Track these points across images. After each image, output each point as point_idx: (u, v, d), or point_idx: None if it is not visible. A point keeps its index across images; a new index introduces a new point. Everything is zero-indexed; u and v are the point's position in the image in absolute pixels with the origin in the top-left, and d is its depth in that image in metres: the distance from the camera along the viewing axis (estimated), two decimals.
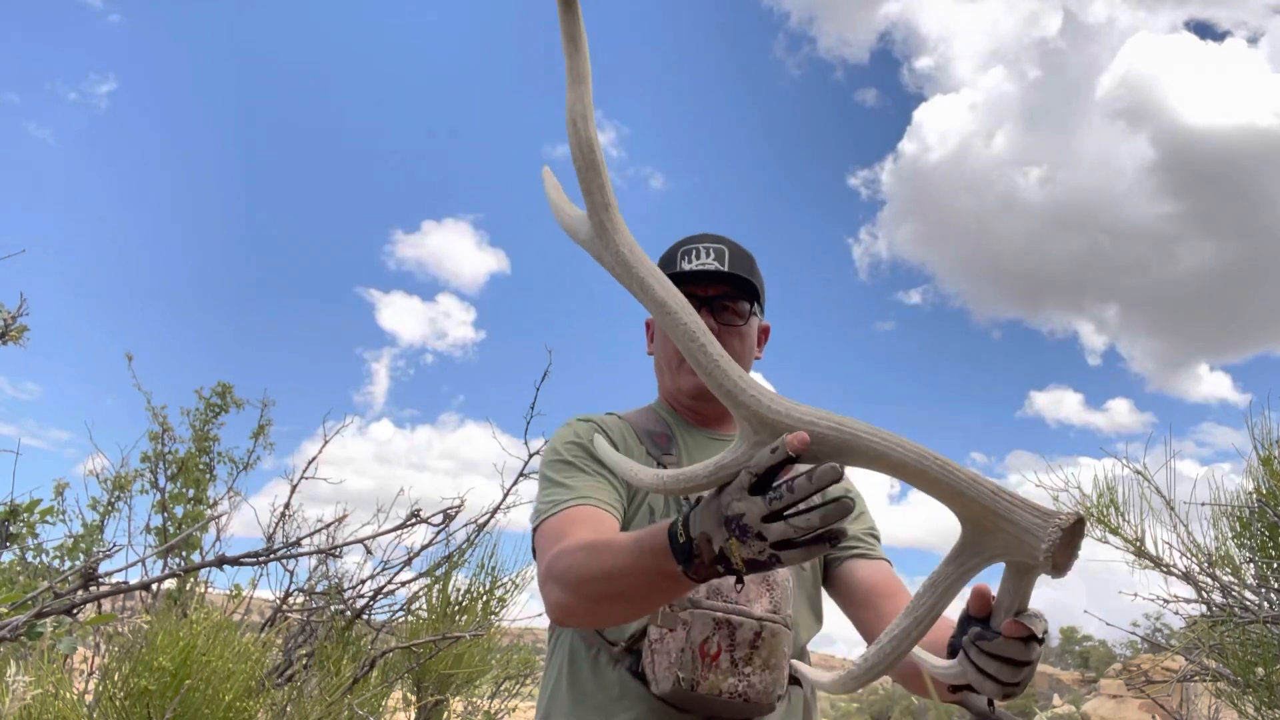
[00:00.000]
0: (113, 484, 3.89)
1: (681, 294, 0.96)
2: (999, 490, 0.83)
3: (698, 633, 1.27)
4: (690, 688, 1.26)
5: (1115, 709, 21.91)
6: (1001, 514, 0.82)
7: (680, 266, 1.55)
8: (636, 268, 0.96)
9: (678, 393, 1.59)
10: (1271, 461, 3.28)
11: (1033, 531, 0.81)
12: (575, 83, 0.97)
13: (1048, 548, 0.80)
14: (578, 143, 0.96)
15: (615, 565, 1.12)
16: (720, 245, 1.56)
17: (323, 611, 3.36)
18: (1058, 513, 0.81)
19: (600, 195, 0.96)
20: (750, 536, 0.90)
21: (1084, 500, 3.55)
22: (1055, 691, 36.44)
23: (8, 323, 2.59)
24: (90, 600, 2.32)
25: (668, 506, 1.47)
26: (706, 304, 1.53)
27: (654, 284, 0.95)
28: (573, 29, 0.96)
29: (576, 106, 0.96)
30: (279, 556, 2.86)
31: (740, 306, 1.56)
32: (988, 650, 0.95)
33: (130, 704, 2.32)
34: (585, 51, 0.97)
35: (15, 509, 3.00)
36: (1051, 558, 0.80)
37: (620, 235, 0.97)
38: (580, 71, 0.97)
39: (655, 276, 0.95)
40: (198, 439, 4.11)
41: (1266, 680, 3.03)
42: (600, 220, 0.96)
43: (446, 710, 3.80)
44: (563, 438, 1.52)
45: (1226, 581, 3.25)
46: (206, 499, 4.06)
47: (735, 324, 1.55)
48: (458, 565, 3.71)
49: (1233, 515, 3.32)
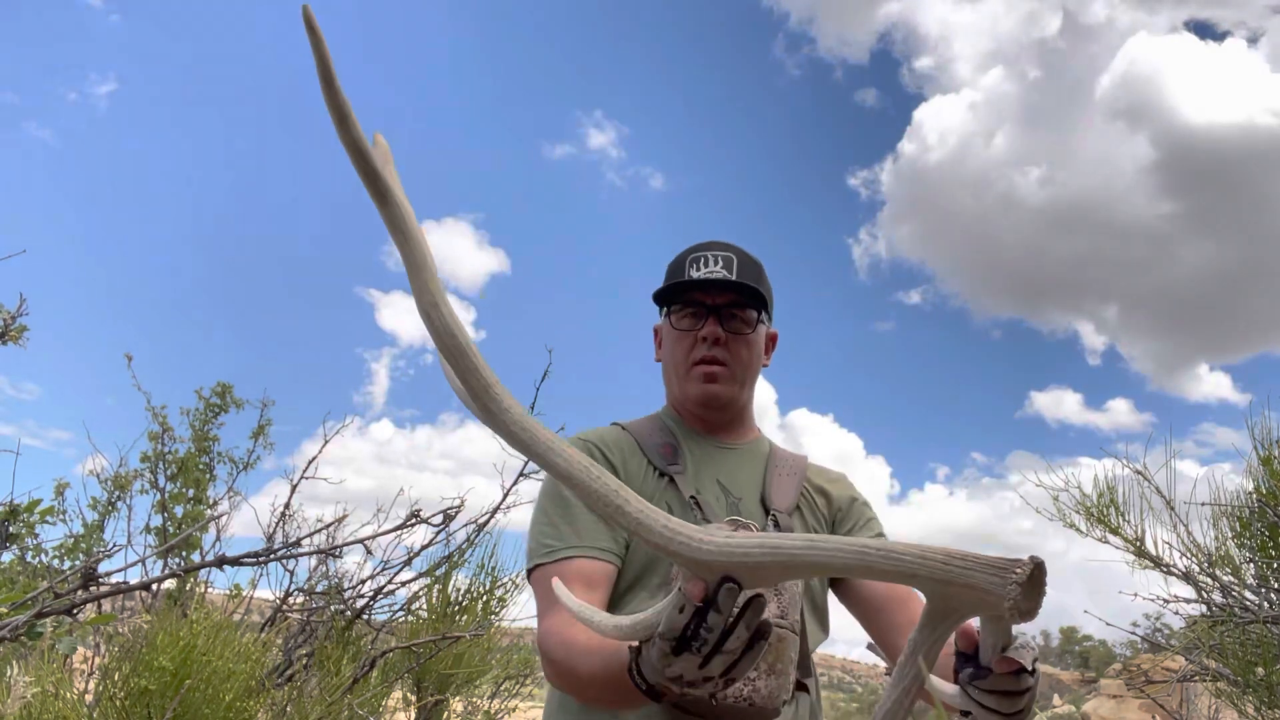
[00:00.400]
0: (112, 484, 3.90)
1: (585, 460, 0.92)
2: (950, 558, 0.83)
3: None
4: (711, 695, 1.23)
5: (1115, 709, 21.91)
6: (958, 581, 0.82)
7: (688, 274, 1.56)
8: (533, 444, 0.92)
9: (685, 401, 1.60)
10: (1271, 461, 3.28)
11: (993, 591, 0.81)
12: (415, 270, 0.92)
13: (1010, 605, 0.80)
14: (437, 332, 0.91)
15: (591, 676, 1.19)
16: (728, 253, 1.57)
17: (323, 611, 3.36)
18: (1013, 564, 0.81)
19: (476, 379, 0.92)
20: (699, 685, 0.95)
21: (1084, 500, 3.56)
22: (1055, 691, 36.46)
23: (7, 323, 2.59)
24: (90, 600, 2.32)
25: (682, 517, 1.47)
26: (714, 312, 1.54)
27: (556, 457, 0.91)
28: (395, 220, 0.92)
29: (425, 297, 0.91)
30: (279, 556, 2.86)
31: (748, 315, 1.57)
32: (983, 688, 0.99)
33: (130, 704, 2.32)
34: (415, 235, 0.93)
35: (15, 509, 3.00)
36: (1016, 610, 0.81)
37: (509, 414, 0.93)
38: (416, 258, 0.92)
39: (554, 447, 0.92)
40: (197, 439, 4.11)
41: (1266, 680, 3.03)
42: (485, 405, 0.92)
43: (446, 710, 3.80)
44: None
45: (1226, 581, 3.25)
46: (206, 499, 4.07)
47: (743, 332, 1.56)
48: (458, 565, 3.71)
49: (1233, 515, 3.32)
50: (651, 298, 1.63)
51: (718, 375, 1.55)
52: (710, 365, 1.54)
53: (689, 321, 1.57)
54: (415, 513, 3.12)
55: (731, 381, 1.57)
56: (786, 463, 1.60)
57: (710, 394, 1.55)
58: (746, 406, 1.64)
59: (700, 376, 1.55)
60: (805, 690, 1.43)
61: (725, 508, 1.49)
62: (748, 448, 1.62)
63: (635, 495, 0.90)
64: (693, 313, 1.56)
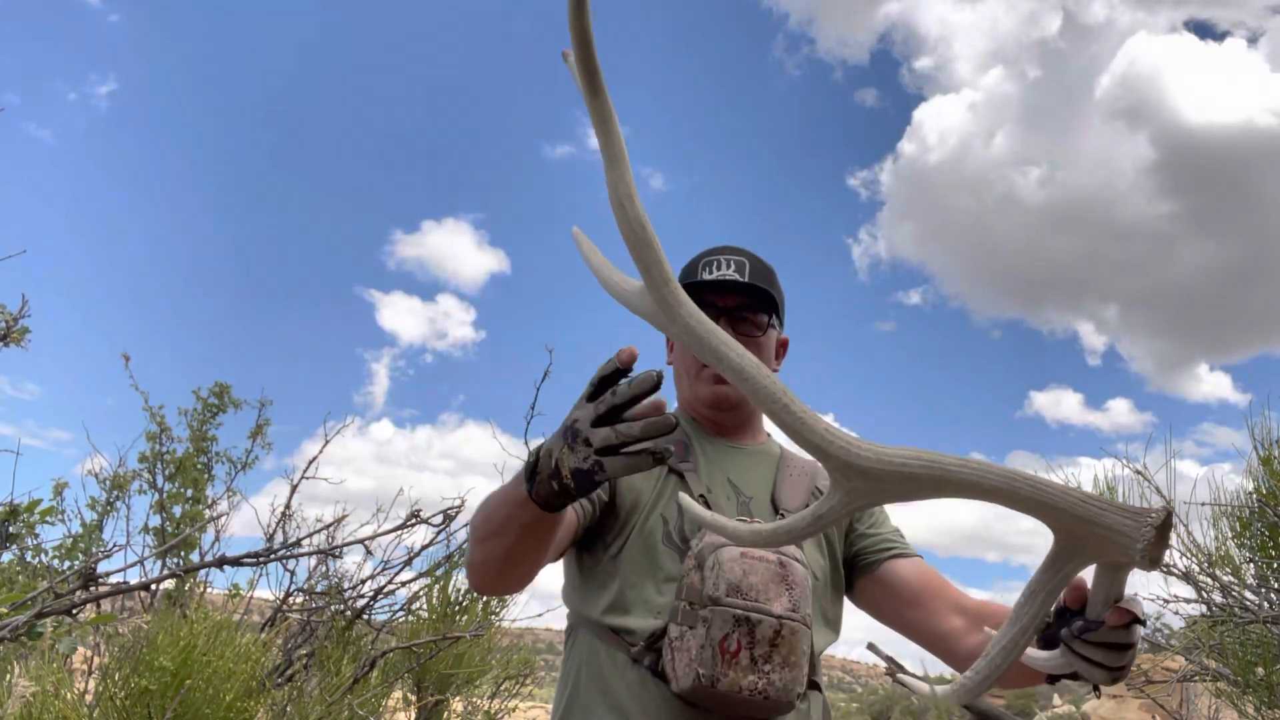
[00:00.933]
0: (111, 484, 3.89)
1: (755, 360, 0.95)
2: (1088, 498, 0.84)
3: (718, 629, 1.27)
4: (711, 684, 1.26)
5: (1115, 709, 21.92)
6: (1094, 520, 0.83)
7: (700, 277, 1.57)
8: (708, 338, 0.95)
9: (696, 402, 1.61)
10: (1271, 461, 3.28)
11: (1126, 533, 0.82)
12: (613, 162, 0.95)
13: (1143, 547, 0.81)
14: (627, 221, 0.95)
15: (490, 504, 1.23)
16: (741, 257, 1.59)
17: (323, 611, 3.36)
18: (1148, 511, 0.82)
19: (658, 271, 0.95)
20: (578, 442, 0.98)
21: None
22: (1055, 691, 36.48)
23: (10, 324, 2.59)
24: (90, 600, 2.32)
25: (681, 517, 1.47)
26: (725, 314, 1.55)
27: (728, 351, 0.94)
28: (601, 111, 0.95)
29: (620, 187, 0.95)
30: (279, 557, 2.86)
31: (758, 318, 1.58)
32: (1094, 640, 0.99)
33: (130, 704, 2.32)
34: (616, 130, 0.96)
35: (15, 509, 3.00)
36: (1147, 555, 0.81)
37: (686, 308, 0.96)
38: (615, 151, 0.96)
39: (729, 345, 0.95)
40: (195, 439, 4.11)
41: (1266, 680, 3.03)
42: (662, 296, 0.96)
43: (446, 710, 3.80)
44: None
45: (1226, 581, 3.25)
46: (205, 499, 4.07)
47: (753, 335, 1.57)
48: (458, 565, 3.71)
49: (1233, 515, 3.32)
50: None
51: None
52: None
53: None
54: (415, 513, 3.12)
55: None
56: (797, 465, 1.61)
57: (720, 394, 1.56)
58: (756, 409, 1.64)
59: (710, 378, 1.56)
60: (818, 689, 1.44)
61: (736, 506, 1.50)
62: (758, 449, 1.62)
63: (798, 400, 0.94)
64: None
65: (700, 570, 1.33)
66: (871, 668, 60.48)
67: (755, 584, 1.29)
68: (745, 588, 1.29)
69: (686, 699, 1.31)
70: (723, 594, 1.29)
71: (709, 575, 1.31)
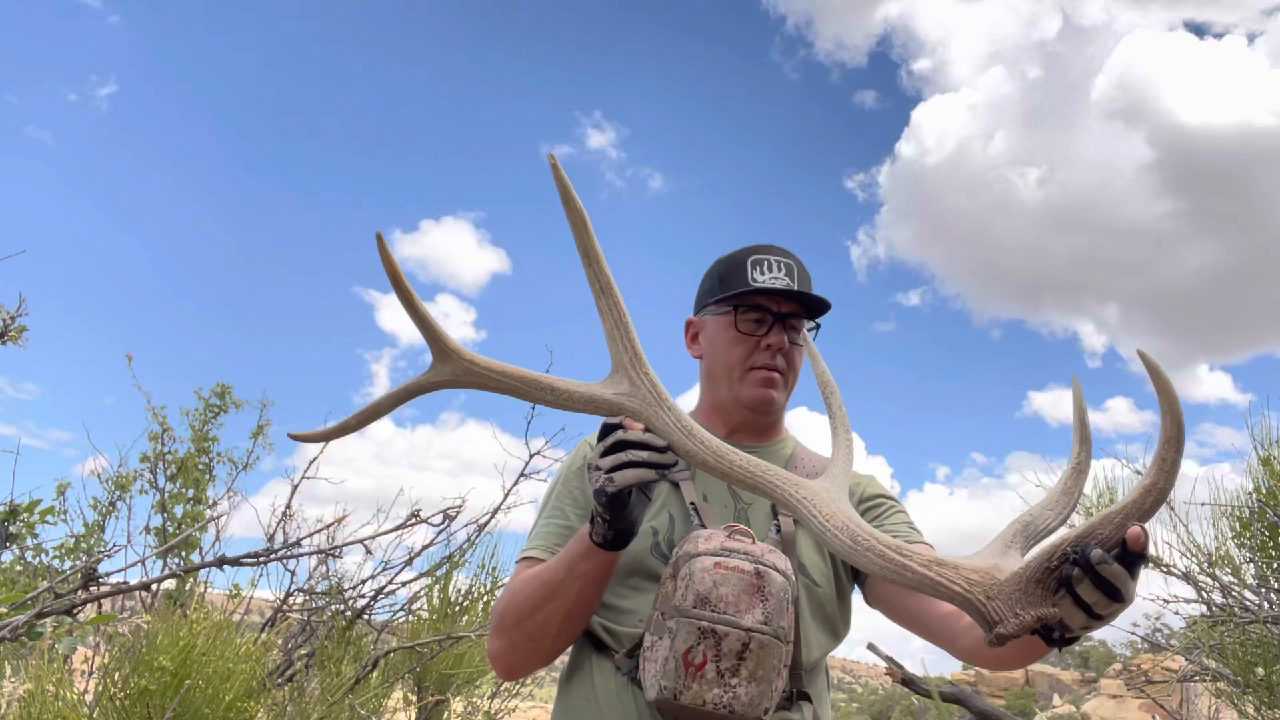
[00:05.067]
0: (113, 484, 3.89)
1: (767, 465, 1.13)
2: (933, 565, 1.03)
3: (681, 641, 1.25)
4: (673, 696, 1.24)
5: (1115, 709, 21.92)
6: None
7: (752, 276, 1.57)
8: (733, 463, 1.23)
9: (735, 402, 1.60)
10: (1271, 461, 3.28)
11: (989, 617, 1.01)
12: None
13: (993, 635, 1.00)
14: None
15: (526, 584, 1.40)
16: (789, 261, 1.59)
17: (323, 611, 3.36)
18: (1013, 615, 0.97)
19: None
20: (593, 470, 1.23)
21: (1084, 500, 3.55)
22: (1055, 691, 36.43)
23: (7, 323, 2.59)
24: (90, 600, 2.32)
25: (672, 527, 1.48)
26: (779, 320, 1.56)
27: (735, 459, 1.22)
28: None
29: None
30: (279, 556, 2.87)
31: (804, 326, 1.59)
32: (1105, 574, 0.97)
33: (130, 704, 2.32)
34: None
35: (15, 509, 3.00)
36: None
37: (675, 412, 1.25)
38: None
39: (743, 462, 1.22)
40: (197, 439, 4.11)
41: (1266, 680, 3.03)
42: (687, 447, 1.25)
43: (447, 710, 3.80)
44: (566, 462, 1.64)
45: (1226, 581, 3.25)
46: (206, 499, 4.06)
47: (798, 344, 1.58)
48: (458, 565, 3.71)
49: (1233, 515, 3.32)
50: (702, 293, 1.65)
51: (775, 382, 1.56)
52: (770, 372, 1.56)
53: (753, 326, 1.58)
54: (415, 513, 3.12)
55: (784, 389, 1.60)
56: (807, 464, 1.60)
57: (766, 399, 1.56)
58: (783, 411, 1.66)
59: (759, 380, 1.57)
60: (808, 699, 1.43)
61: (733, 514, 1.49)
62: (769, 449, 1.62)
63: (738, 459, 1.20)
64: (758, 318, 1.58)
65: (674, 579, 1.32)
66: (871, 668, 60.35)
67: (725, 595, 1.26)
68: (714, 599, 1.26)
69: (665, 712, 1.30)
70: (690, 605, 1.27)
71: (680, 585, 1.29)
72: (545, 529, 1.53)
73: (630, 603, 1.44)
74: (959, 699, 4.65)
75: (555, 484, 1.60)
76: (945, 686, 4.89)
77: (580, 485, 1.56)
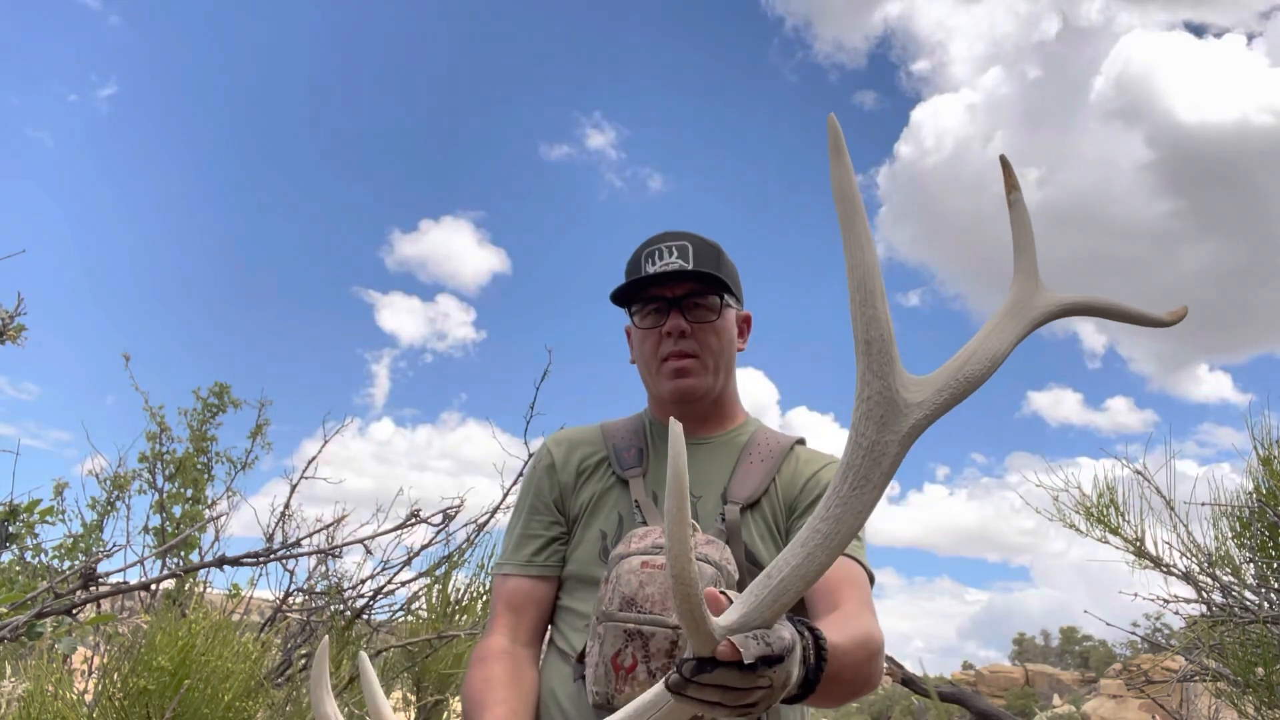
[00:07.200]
0: (111, 484, 3.89)
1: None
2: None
3: (610, 646, 1.24)
4: (607, 702, 1.23)
5: (1115, 709, 21.93)
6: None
7: (645, 269, 1.53)
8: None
9: (661, 399, 1.58)
10: (1271, 461, 3.28)
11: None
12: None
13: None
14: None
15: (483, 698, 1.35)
16: (683, 242, 1.53)
17: (322, 611, 3.36)
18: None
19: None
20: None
21: (1084, 500, 3.56)
22: (1055, 691, 36.45)
23: (6, 322, 2.59)
24: (90, 600, 2.32)
25: (620, 528, 1.47)
26: (675, 304, 1.51)
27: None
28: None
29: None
30: (278, 556, 2.86)
31: (710, 301, 1.53)
32: (706, 682, 0.88)
33: (130, 704, 2.32)
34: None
35: (15, 509, 3.00)
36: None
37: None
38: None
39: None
40: (195, 439, 4.10)
41: (1266, 680, 3.03)
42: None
43: (446, 710, 3.80)
44: (532, 464, 1.63)
45: (1226, 581, 3.24)
46: (205, 499, 4.06)
47: (708, 320, 1.52)
48: (458, 565, 3.71)
49: (1233, 515, 3.32)
50: (610, 299, 1.59)
51: (689, 369, 1.51)
52: (680, 360, 1.51)
53: (652, 318, 1.54)
54: (415, 513, 3.12)
55: (704, 372, 1.53)
56: (763, 449, 1.54)
57: (684, 388, 1.52)
58: (725, 394, 1.59)
59: (671, 372, 1.52)
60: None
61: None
62: (723, 439, 1.57)
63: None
64: (655, 308, 1.54)
65: (606, 582, 1.31)
66: None
67: (651, 594, 1.24)
68: (640, 599, 1.25)
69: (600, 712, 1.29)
70: (616, 608, 1.26)
71: (608, 589, 1.29)
72: (518, 543, 1.54)
73: (583, 607, 1.44)
74: (958, 699, 4.65)
75: (526, 488, 1.60)
76: (944, 686, 4.90)
77: (549, 489, 1.56)
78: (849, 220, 0.94)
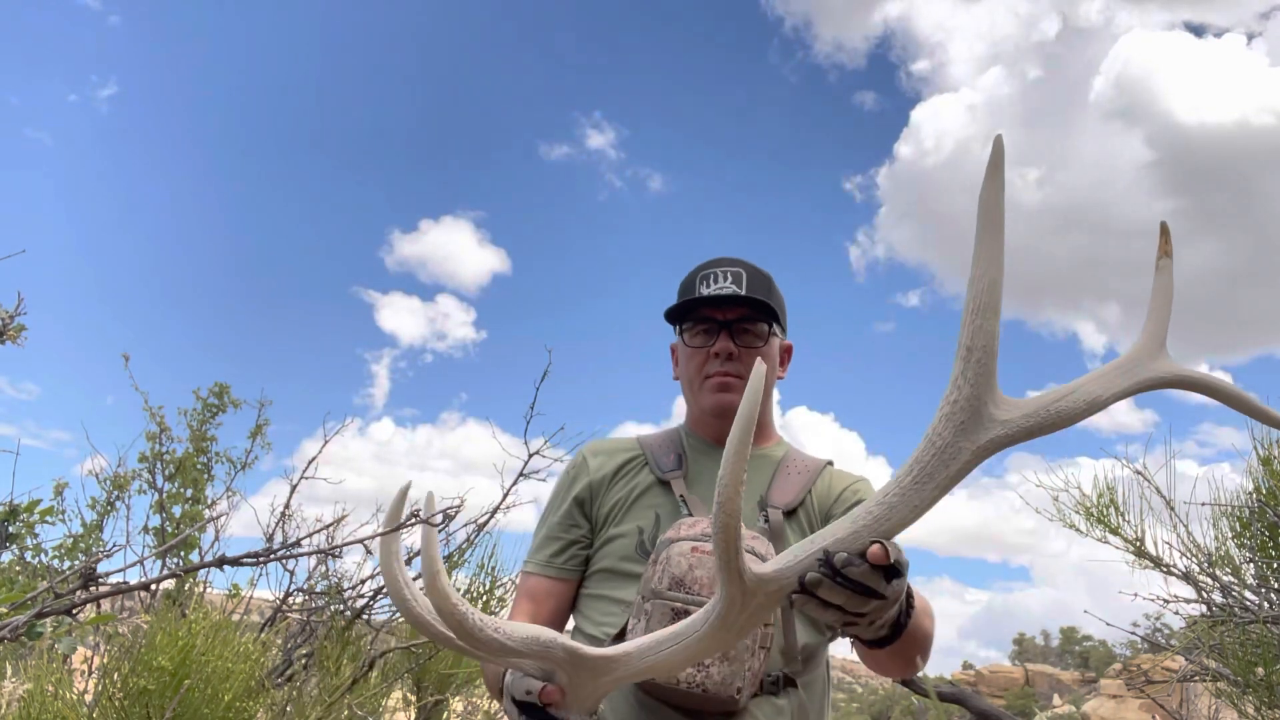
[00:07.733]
0: (111, 484, 3.89)
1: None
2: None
3: (656, 623, 1.29)
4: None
5: (1115, 709, 21.95)
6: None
7: (699, 290, 1.60)
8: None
9: (702, 413, 1.64)
10: (1271, 461, 3.28)
11: None
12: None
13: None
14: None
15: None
16: (738, 268, 1.61)
17: (322, 611, 3.36)
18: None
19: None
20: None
21: (1084, 500, 3.55)
22: (1055, 691, 36.47)
23: (6, 321, 2.59)
24: (90, 600, 2.31)
25: (657, 524, 1.52)
26: (725, 327, 1.58)
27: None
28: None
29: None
30: (278, 557, 2.85)
31: (758, 328, 1.60)
32: (852, 576, 0.95)
33: (130, 704, 2.32)
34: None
35: (15, 509, 2.99)
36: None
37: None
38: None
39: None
40: (195, 439, 4.10)
41: (1266, 680, 3.03)
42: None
43: (446, 710, 3.80)
44: (564, 470, 1.70)
45: (1226, 581, 3.25)
46: (205, 499, 4.06)
47: (755, 345, 1.59)
48: (457, 565, 3.71)
49: (1233, 515, 3.32)
50: (664, 317, 1.67)
51: (732, 385, 1.58)
52: (724, 377, 1.58)
53: (701, 338, 1.61)
54: (415, 513, 3.11)
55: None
56: (799, 464, 1.62)
57: (726, 402, 1.57)
58: (764, 416, 1.66)
59: (714, 386, 1.59)
60: (794, 685, 1.43)
61: None
62: (760, 453, 1.64)
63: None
64: (705, 329, 1.61)
65: (654, 564, 1.36)
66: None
67: (700, 577, 1.30)
68: (689, 581, 1.30)
69: (644, 690, 1.35)
70: (665, 587, 1.31)
71: (657, 570, 1.34)
72: (541, 544, 1.62)
73: (617, 594, 1.49)
74: (958, 699, 4.65)
75: (557, 492, 1.67)
76: (944, 686, 4.89)
77: (579, 492, 1.63)
78: (986, 234, 0.98)
